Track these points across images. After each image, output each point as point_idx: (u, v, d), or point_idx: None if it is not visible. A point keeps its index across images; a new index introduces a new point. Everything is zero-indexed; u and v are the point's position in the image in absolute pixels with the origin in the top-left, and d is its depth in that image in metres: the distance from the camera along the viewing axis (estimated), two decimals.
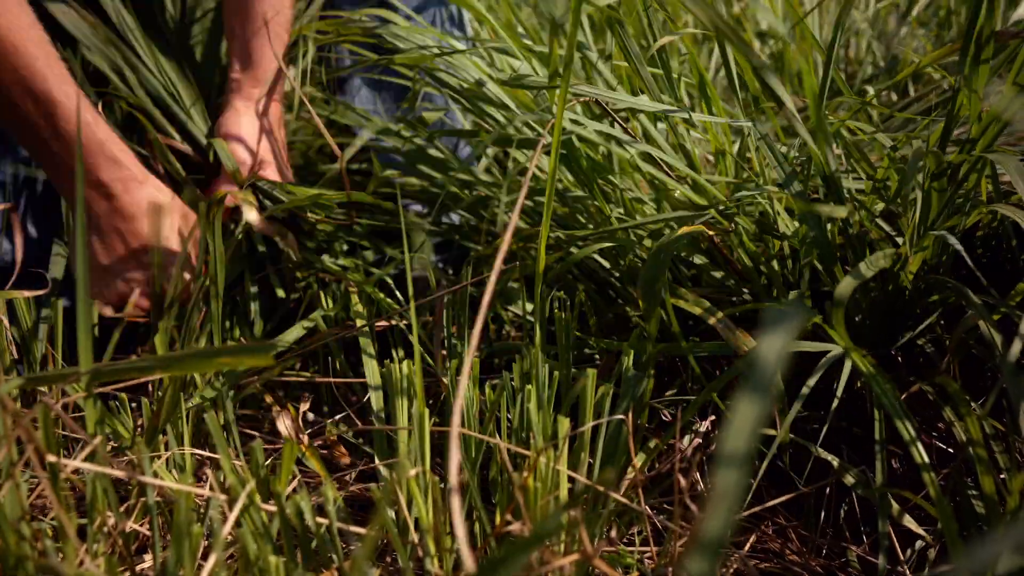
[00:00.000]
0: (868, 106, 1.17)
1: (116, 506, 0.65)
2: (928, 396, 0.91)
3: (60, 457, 0.60)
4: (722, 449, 0.33)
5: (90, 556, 0.62)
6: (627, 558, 0.78)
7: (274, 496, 0.63)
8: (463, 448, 0.76)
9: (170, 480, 0.75)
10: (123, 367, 0.65)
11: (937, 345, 0.98)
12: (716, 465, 0.33)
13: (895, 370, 0.98)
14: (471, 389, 0.76)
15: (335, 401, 1.12)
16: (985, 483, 0.73)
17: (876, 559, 0.84)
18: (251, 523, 0.63)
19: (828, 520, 0.92)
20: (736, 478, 0.32)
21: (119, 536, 0.64)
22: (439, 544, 0.65)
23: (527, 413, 0.73)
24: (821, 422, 0.92)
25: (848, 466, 0.85)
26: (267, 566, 0.58)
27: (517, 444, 0.76)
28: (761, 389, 0.34)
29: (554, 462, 0.69)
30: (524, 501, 0.65)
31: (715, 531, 0.33)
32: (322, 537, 0.66)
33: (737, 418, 0.33)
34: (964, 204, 0.94)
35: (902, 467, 0.94)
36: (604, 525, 0.75)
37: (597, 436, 0.78)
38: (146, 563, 0.73)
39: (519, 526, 0.66)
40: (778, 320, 0.35)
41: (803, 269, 0.88)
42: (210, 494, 0.64)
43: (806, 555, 0.88)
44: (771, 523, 0.94)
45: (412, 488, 0.66)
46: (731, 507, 0.32)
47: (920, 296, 0.95)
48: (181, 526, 0.55)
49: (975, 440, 0.76)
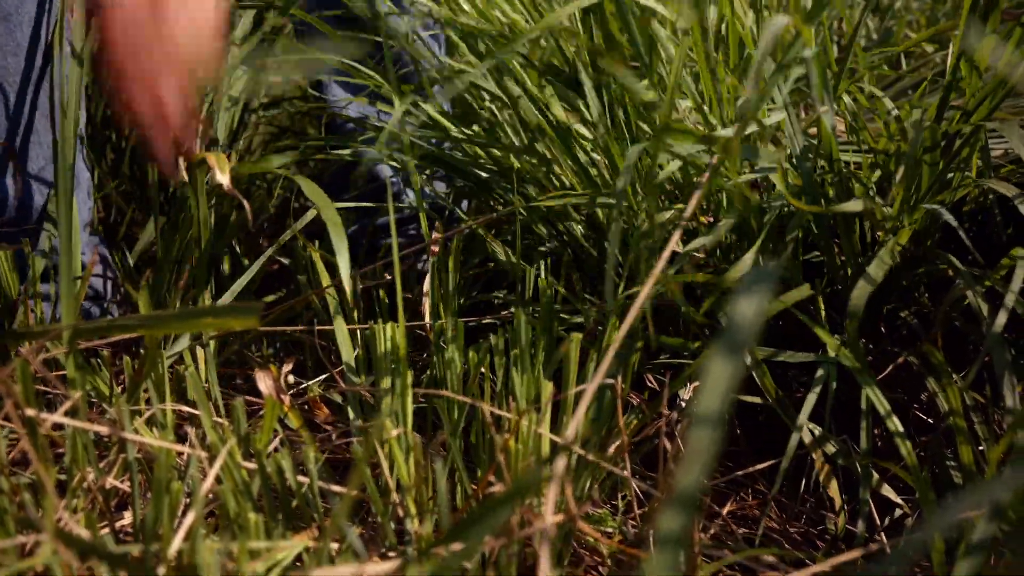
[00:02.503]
0: (869, 72, 1.16)
1: (96, 462, 0.65)
2: (913, 367, 0.92)
3: (40, 412, 0.60)
4: (696, 409, 0.33)
5: (69, 512, 0.62)
6: (610, 521, 0.78)
7: (255, 454, 0.63)
8: (445, 411, 0.76)
9: (150, 437, 0.75)
10: (105, 325, 0.65)
11: (921, 318, 0.98)
12: (690, 425, 0.33)
13: (879, 342, 0.99)
14: (455, 352, 0.76)
15: (319, 363, 1.12)
16: (964, 453, 0.74)
17: (854, 527, 0.85)
18: (231, 481, 0.63)
19: (808, 489, 0.92)
20: (710, 437, 0.32)
21: (99, 492, 0.64)
22: (420, 504, 0.65)
23: (510, 376, 0.73)
24: (807, 388, 0.93)
25: (830, 435, 0.85)
26: (247, 523, 0.58)
27: (501, 409, 0.76)
28: (735, 349, 0.34)
29: (536, 425, 0.69)
30: (506, 462, 0.66)
31: (688, 489, 0.33)
32: (303, 496, 0.66)
33: (710, 378, 0.33)
34: (953, 179, 0.94)
35: (883, 435, 0.95)
36: (586, 488, 0.75)
37: (580, 403, 0.78)
38: (126, 520, 0.73)
39: (501, 488, 0.66)
40: (755, 281, 0.35)
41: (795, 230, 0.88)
42: (190, 451, 0.64)
43: (784, 522, 0.89)
44: (751, 491, 0.94)
45: (394, 448, 0.66)
46: (705, 466, 0.32)
47: (907, 268, 0.95)
48: (161, 482, 0.55)
49: (955, 411, 0.76)
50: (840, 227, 0.90)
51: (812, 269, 1.01)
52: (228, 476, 0.63)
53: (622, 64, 0.94)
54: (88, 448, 0.64)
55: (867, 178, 0.97)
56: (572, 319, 1.01)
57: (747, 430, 0.99)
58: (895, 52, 1.20)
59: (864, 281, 0.81)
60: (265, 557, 0.57)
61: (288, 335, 1.08)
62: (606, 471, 0.76)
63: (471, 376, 0.76)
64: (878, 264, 0.83)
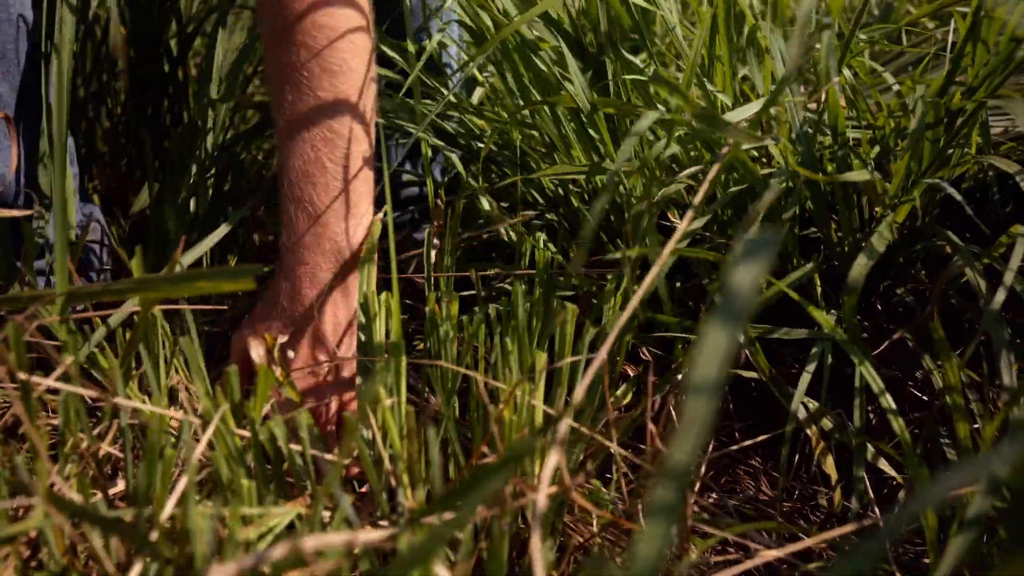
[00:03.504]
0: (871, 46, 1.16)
1: (89, 429, 0.65)
2: (908, 344, 0.92)
3: (32, 378, 0.59)
4: (692, 378, 0.33)
5: (61, 477, 0.62)
6: (603, 493, 0.78)
7: (248, 421, 0.63)
8: (439, 381, 0.76)
9: (143, 404, 0.75)
10: (98, 289, 0.64)
11: (917, 295, 0.98)
12: (685, 395, 0.33)
13: (874, 318, 0.98)
14: (449, 322, 0.76)
15: None
16: (960, 429, 0.74)
17: (848, 503, 0.85)
18: (224, 447, 0.63)
19: (802, 465, 0.93)
20: (705, 407, 0.32)
21: (91, 458, 0.64)
22: (412, 474, 0.65)
23: (504, 346, 0.73)
24: (802, 364, 0.93)
25: (826, 410, 0.85)
26: (239, 490, 0.58)
27: (495, 380, 0.76)
28: (732, 318, 0.33)
29: (530, 396, 0.69)
30: (499, 433, 0.65)
31: (682, 460, 0.32)
32: (295, 463, 0.66)
33: (706, 347, 0.33)
34: (953, 155, 0.93)
35: (878, 411, 0.95)
36: (579, 459, 0.75)
37: (576, 374, 0.78)
38: (118, 486, 0.73)
39: (494, 458, 0.66)
40: (753, 250, 0.35)
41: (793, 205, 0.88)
42: (183, 417, 0.63)
43: (778, 497, 0.89)
44: (745, 466, 0.95)
45: (387, 418, 0.66)
46: (700, 436, 0.32)
47: (904, 245, 0.95)
48: (153, 447, 0.54)
49: (953, 387, 0.76)
50: (839, 202, 0.90)
51: (808, 245, 1.00)
52: (221, 443, 0.63)
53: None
54: (81, 414, 0.64)
55: (867, 154, 0.96)
56: (566, 292, 1.01)
57: (739, 405, 0.99)
58: (896, 28, 1.19)
59: (864, 256, 0.81)
60: (257, 523, 0.57)
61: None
62: (598, 445, 0.76)
63: (465, 346, 0.76)
64: (878, 238, 0.82)
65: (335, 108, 0.84)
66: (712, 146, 0.92)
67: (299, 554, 0.46)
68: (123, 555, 0.57)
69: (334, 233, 0.85)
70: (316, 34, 0.83)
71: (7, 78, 1.01)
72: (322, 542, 0.45)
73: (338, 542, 0.46)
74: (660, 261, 0.64)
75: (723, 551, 0.82)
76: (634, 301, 0.63)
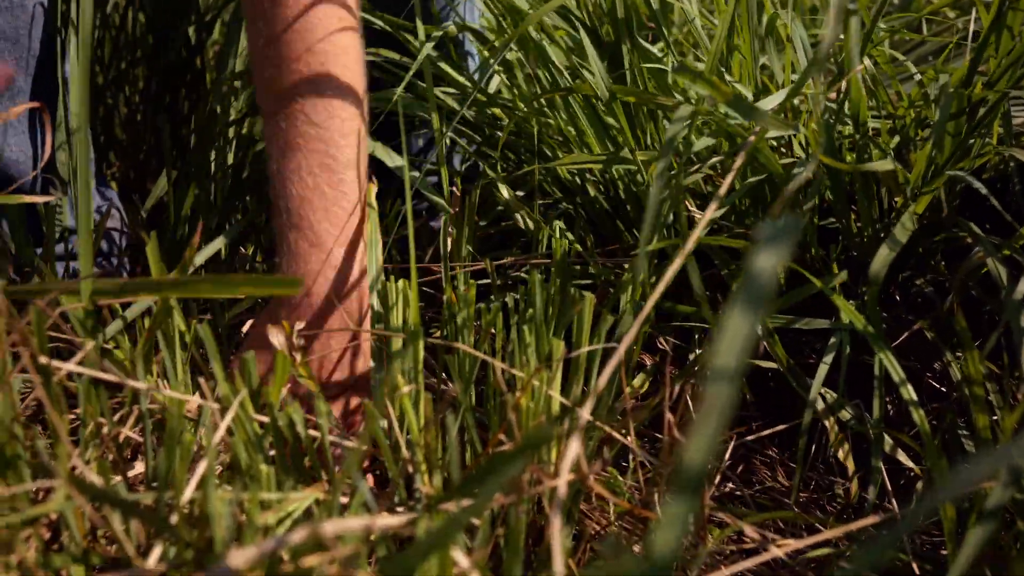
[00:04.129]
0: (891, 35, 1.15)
1: (109, 413, 0.65)
2: (926, 335, 0.91)
3: (53, 362, 0.60)
4: (713, 365, 0.33)
5: (82, 461, 0.63)
6: (619, 482, 0.78)
7: (267, 407, 0.64)
8: (456, 368, 0.76)
9: (163, 391, 0.75)
10: (131, 286, 0.64)
11: (937, 287, 0.98)
12: (706, 380, 0.33)
13: (893, 309, 0.98)
14: (467, 309, 0.76)
15: None
16: (979, 420, 0.74)
17: (864, 494, 0.85)
18: (243, 433, 0.63)
19: (819, 455, 0.92)
20: (725, 393, 0.32)
21: (111, 442, 0.64)
22: (430, 461, 0.65)
23: (522, 334, 0.73)
24: (819, 354, 0.92)
25: (844, 401, 0.85)
26: (258, 475, 0.58)
27: (512, 367, 0.76)
28: (754, 303, 0.33)
29: (547, 385, 0.69)
30: (516, 421, 0.66)
31: (702, 446, 0.32)
32: (313, 449, 0.66)
33: (728, 333, 0.33)
34: (974, 146, 0.93)
35: (895, 403, 0.95)
36: (595, 448, 0.75)
37: (593, 363, 0.78)
38: (137, 470, 0.73)
39: (511, 446, 0.66)
40: (775, 236, 0.35)
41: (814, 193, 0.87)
42: (203, 402, 0.64)
43: (794, 486, 0.89)
44: (761, 456, 0.94)
45: (405, 404, 0.66)
46: (719, 422, 0.32)
47: (924, 235, 0.94)
48: (173, 432, 0.55)
49: (973, 378, 0.76)
50: (859, 192, 0.90)
51: (827, 235, 1.00)
52: (240, 428, 0.63)
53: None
54: (101, 398, 0.64)
55: (886, 144, 0.96)
56: (583, 281, 1.01)
57: (756, 396, 0.99)
58: (917, 17, 1.18)
59: (886, 247, 0.80)
60: (276, 508, 0.57)
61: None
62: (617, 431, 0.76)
63: (482, 335, 0.76)
64: (900, 229, 0.82)
65: (332, 133, 0.84)
66: (733, 136, 0.92)
67: (318, 538, 0.46)
68: (143, 538, 0.57)
69: (334, 257, 0.84)
70: (310, 60, 0.83)
71: (20, 64, 1.02)
72: (341, 527, 0.45)
73: (357, 527, 0.46)
74: (685, 251, 0.63)
75: (739, 541, 0.82)
76: (656, 291, 0.63)
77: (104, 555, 0.57)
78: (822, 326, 0.87)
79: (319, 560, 0.48)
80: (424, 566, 0.55)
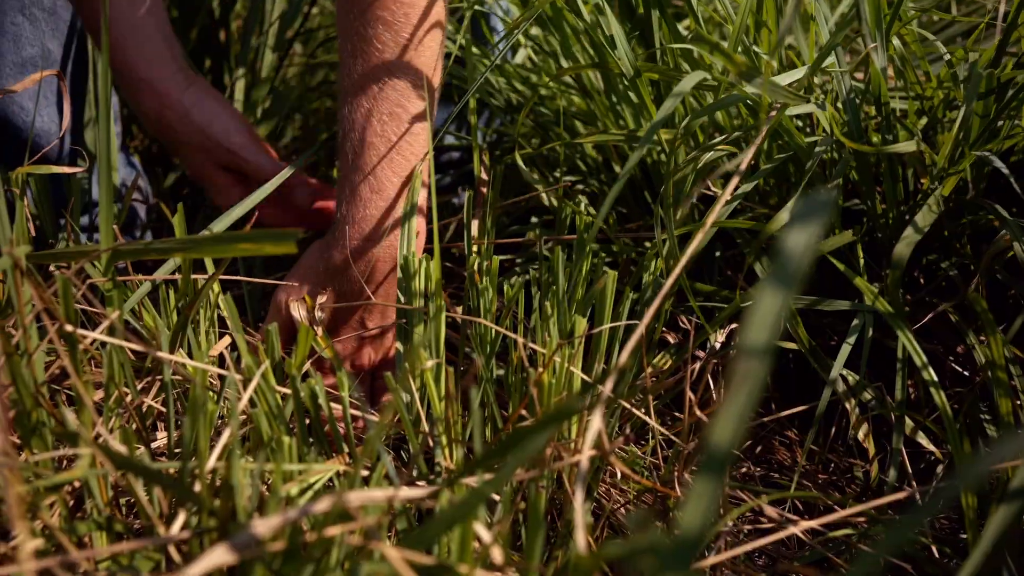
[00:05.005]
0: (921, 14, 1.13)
1: (133, 382, 0.65)
2: (950, 318, 0.91)
3: (78, 330, 0.60)
4: (743, 341, 0.33)
5: (106, 429, 0.63)
6: (639, 461, 0.78)
7: (289, 378, 0.64)
8: (477, 344, 0.76)
9: (186, 360, 0.76)
10: (142, 248, 0.64)
11: (961, 269, 0.97)
12: (737, 356, 0.32)
13: (917, 292, 0.97)
14: (489, 284, 0.76)
15: None
16: (1002, 405, 0.73)
17: (884, 476, 0.84)
18: (265, 404, 0.63)
19: (838, 437, 0.92)
20: (756, 369, 0.32)
21: (135, 412, 0.65)
22: (450, 434, 0.65)
23: (544, 310, 0.73)
24: (840, 336, 0.92)
25: (865, 383, 0.85)
26: (280, 446, 0.59)
27: (533, 343, 0.76)
28: (786, 280, 0.33)
29: (569, 361, 0.69)
30: (538, 396, 0.66)
31: (733, 421, 0.32)
32: (334, 421, 0.66)
33: (760, 308, 0.32)
34: (1003, 127, 0.92)
35: (916, 385, 0.94)
36: (616, 426, 0.75)
37: (614, 341, 0.78)
38: (160, 440, 0.74)
39: (532, 421, 0.66)
40: (807, 213, 0.34)
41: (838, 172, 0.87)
42: (226, 372, 0.64)
43: (813, 469, 0.89)
44: (780, 437, 0.94)
45: (427, 378, 0.66)
46: (751, 397, 0.32)
47: (949, 218, 0.93)
48: (196, 401, 0.55)
49: (996, 362, 0.75)
50: (885, 173, 0.89)
51: (850, 217, 0.99)
52: (262, 400, 0.63)
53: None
54: (125, 367, 0.64)
55: (913, 124, 0.95)
56: (605, 257, 1.01)
57: (776, 377, 0.98)
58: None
59: (911, 230, 0.80)
60: (298, 480, 0.57)
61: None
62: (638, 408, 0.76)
63: (505, 311, 0.76)
64: (926, 212, 0.81)
65: (405, 82, 0.84)
66: (757, 112, 0.91)
67: (342, 509, 0.46)
68: (166, 506, 0.58)
69: (394, 207, 0.85)
70: (395, 8, 0.84)
71: (56, 35, 1.02)
72: (366, 497, 0.45)
73: (381, 497, 0.46)
74: (705, 228, 0.63)
75: (755, 520, 0.82)
76: (677, 270, 0.63)
77: (127, 523, 0.58)
78: (842, 307, 0.86)
79: (342, 530, 0.48)
80: (445, 539, 0.55)
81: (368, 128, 0.84)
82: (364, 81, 0.85)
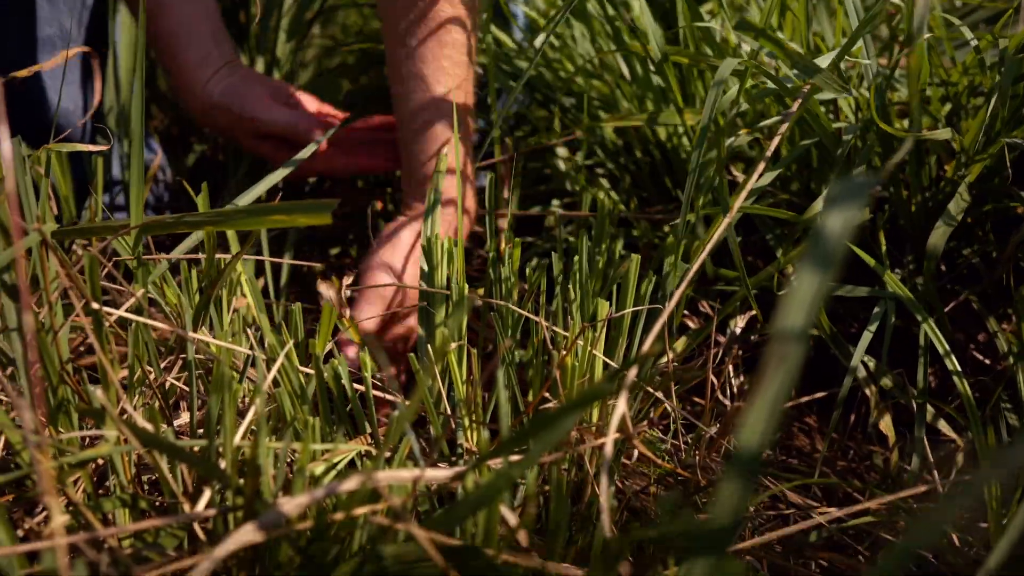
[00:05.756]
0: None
1: (157, 360, 0.66)
2: (972, 306, 0.90)
3: (104, 308, 0.60)
4: (780, 323, 0.32)
5: (131, 407, 0.63)
6: (660, 445, 0.78)
7: (312, 358, 0.64)
8: (499, 327, 0.76)
9: (209, 338, 0.76)
10: (170, 221, 0.64)
11: (984, 257, 0.96)
12: (773, 337, 0.32)
13: (939, 280, 0.97)
14: (511, 267, 0.76)
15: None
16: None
17: (904, 464, 0.84)
18: (288, 384, 0.63)
19: (858, 425, 0.92)
20: (793, 351, 0.32)
21: (158, 390, 0.65)
22: (473, 416, 0.65)
23: (567, 293, 0.72)
24: (862, 324, 0.91)
25: (886, 370, 0.84)
26: (303, 426, 0.59)
27: (555, 327, 0.76)
28: (823, 263, 0.33)
29: (591, 345, 0.69)
30: (560, 379, 0.65)
31: (768, 406, 0.32)
32: (357, 401, 0.66)
33: (798, 289, 0.32)
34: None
35: (938, 373, 0.94)
36: (639, 410, 0.75)
37: (636, 324, 0.78)
38: (183, 419, 0.74)
39: (555, 404, 0.66)
40: (845, 194, 0.34)
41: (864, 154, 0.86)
42: (250, 352, 0.64)
43: (833, 456, 0.88)
44: (800, 423, 0.94)
45: (451, 360, 0.66)
46: (787, 379, 0.31)
47: (974, 205, 0.93)
48: (221, 378, 0.55)
49: (1020, 351, 0.75)
50: (909, 160, 0.88)
51: (873, 203, 0.99)
52: (285, 379, 0.63)
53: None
54: (150, 345, 0.65)
55: (937, 111, 0.94)
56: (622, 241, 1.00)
57: None
58: None
59: (943, 222, 0.79)
60: (323, 459, 0.57)
61: (349, 242, 1.09)
62: (654, 397, 0.76)
63: (527, 294, 0.75)
64: (957, 202, 0.80)
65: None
66: (783, 98, 0.90)
67: (368, 488, 0.46)
68: (191, 484, 0.58)
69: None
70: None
71: (74, 15, 1.02)
72: (392, 476, 0.46)
73: (407, 477, 0.46)
74: (729, 217, 0.63)
75: (773, 507, 0.82)
76: (701, 256, 0.63)
77: (151, 500, 0.58)
78: (863, 294, 0.85)
79: (368, 510, 0.48)
80: (469, 522, 0.56)
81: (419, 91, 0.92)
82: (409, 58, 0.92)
